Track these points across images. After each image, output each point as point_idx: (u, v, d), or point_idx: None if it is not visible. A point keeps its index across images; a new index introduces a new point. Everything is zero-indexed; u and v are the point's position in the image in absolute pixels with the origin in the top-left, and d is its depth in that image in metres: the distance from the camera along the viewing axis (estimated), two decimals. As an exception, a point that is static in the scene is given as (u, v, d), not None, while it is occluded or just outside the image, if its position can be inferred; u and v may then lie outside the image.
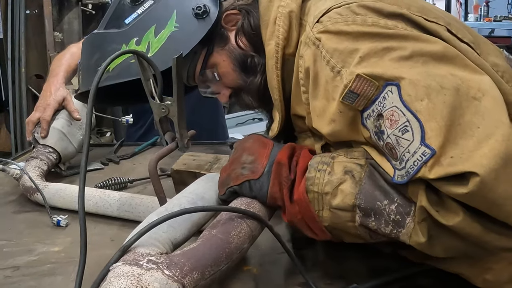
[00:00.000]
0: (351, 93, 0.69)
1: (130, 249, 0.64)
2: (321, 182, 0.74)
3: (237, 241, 0.70)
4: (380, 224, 0.70)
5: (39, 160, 1.31)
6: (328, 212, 0.74)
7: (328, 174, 0.74)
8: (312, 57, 0.77)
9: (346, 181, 0.72)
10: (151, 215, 0.76)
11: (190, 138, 1.00)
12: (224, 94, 1.01)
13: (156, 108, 0.94)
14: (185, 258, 0.62)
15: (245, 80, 0.96)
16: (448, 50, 0.69)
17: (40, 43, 3.10)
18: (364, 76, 0.68)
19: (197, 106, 1.80)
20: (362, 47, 0.71)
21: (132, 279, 0.56)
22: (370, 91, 0.68)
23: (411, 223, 0.67)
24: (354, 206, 0.71)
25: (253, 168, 0.81)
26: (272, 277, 0.88)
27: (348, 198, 0.72)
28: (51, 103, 1.39)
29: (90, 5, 3.30)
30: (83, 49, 1.10)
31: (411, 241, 0.68)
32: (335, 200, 0.73)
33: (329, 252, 0.95)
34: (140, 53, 0.88)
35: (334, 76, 0.73)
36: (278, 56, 0.86)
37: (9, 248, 1.02)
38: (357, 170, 0.72)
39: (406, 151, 0.64)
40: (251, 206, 0.79)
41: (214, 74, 0.98)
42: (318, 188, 0.74)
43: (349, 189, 0.72)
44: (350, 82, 0.69)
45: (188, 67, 1.00)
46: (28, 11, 3.08)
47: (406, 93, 0.65)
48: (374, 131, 0.69)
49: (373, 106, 0.68)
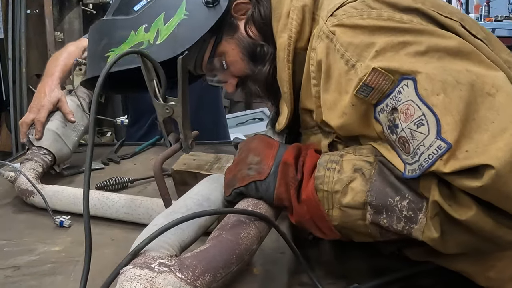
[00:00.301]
0: (365, 86, 0.69)
1: (140, 252, 0.64)
2: (331, 180, 0.74)
3: (246, 242, 0.70)
4: (392, 221, 0.69)
5: (34, 162, 1.30)
6: (338, 210, 0.74)
7: (337, 173, 0.74)
8: (325, 50, 0.77)
9: (356, 179, 0.72)
10: (158, 218, 0.75)
11: (193, 138, 1.00)
12: (231, 83, 1.01)
13: (160, 108, 0.94)
14: (196, 261, 0.62)
15: (252, 69, 0.96)
16: (463, 46, 0.70)
17: (41, 43, 3.11)
18: (379, 70, 0.68)
19: (198, 106, 1.80)
20: (378, 41, 0.71)
21: (145, 282, 0.56)
22: (385, 85, 0.68)
23: (424, 218, 0.67)
24: (365, 203, 0.71)
25: (259, 169, 0.80)
26: (274, 277, 0.88)
27: (358, 195, 0.71)
28: (45, 104, 1.38)
29: (90, 4, 3.30)
30: (90, 36, 1.10)
31: (424, 237, 0.68)
32: (346, 198, 0.72)
33: (331, 252, 0.95)
34: (144, 53, 0.88)
35: (348, 70, 0.73)
36: (290, 49, 0.86)
37: (10, 248, 1.02)
38: (366, 168, 0.72)
39: (421, 145, 0.64)
40: (258, 207, 0.79)
41: (222, 63, 0.98)
42: (327, 187, 0.74)
43: (359, 187, 0.71)
44: (365, 75, 0.69)
45: (196, 55, 0.99)
46: (28, 11, 3.08)
47: (422, 87, 0.65)
48: (387, 125, 0.69)
49: (387, 100, 0.68)
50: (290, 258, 0.93)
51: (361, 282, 0.81)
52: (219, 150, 1.65)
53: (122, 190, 1.33)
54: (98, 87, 0.77)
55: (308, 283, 0.83)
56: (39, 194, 1.17)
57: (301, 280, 0.86)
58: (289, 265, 0.91)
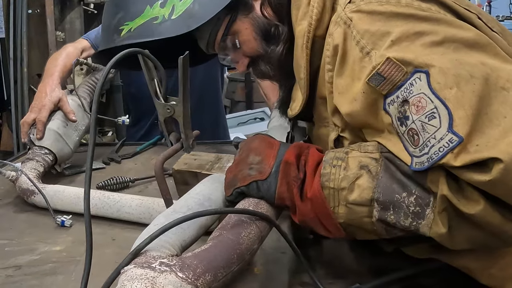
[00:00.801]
0: (378, 75, 0.69)
1: (141, 252, 0.64)
2: (337, 177, 0.74)
3: (247, 242, 0.70)
4: (399, 217, 0.69)
5: (35, 161, 1.30)
6: (344, 208, 0.74)
7: (343, 170, 0.74)
8: (342, 35, 0.77)
9: (363, 176, 0.72)
10: (159, 217, 0.75)
11: (194, 138, 1.00)
12: (242, 63, 1.01)
13: (161, 108, 0.94)
14: (197, 260, 0.62)
15: (265, 49, 0.96)
16: (480, 38, 0.69)
17: (42, 42, 3.11)
18: (394, 60, 0.68)
19: (198, 107, 1.80)
20: (395, 30, 0.71)
21: (146, 282, 0.56)
22: (397, 76, 0.68)
23: (431, 214, 0.67)
24: (372, 200, 0.71)
25: (260, 168, 0.81)
26: (275, 277, 0.88)
27: (365, 192, 0.71)
28: (46, 104, 1.38)
29: (92, 4, 3.30)
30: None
31: (432, 233, 0.68)
32: (352, 195, 0.72)
33: (331, 252, 0.95)
34: (145, 52, 0.88)
35: (363, 57, 0.73)
36: (309, 35, 0.86)
37: (11, 247, 1.02)
38: (372, 165, 0.72)
39: (431, 137, 0.64)
40: (259, 206, 0.79)
41: (235, 42, 0.98)
42: (334, 184, 0.74)
43: (366, 183, 0.71)
44: (379, 64, 0.69)
45: (209, 33, 0.99)
46: (30, 11, 3.08)
47: (435, 80, 0.65)
48: (397, 117, 0.69)
49: (398, 92, 0.68)
50: (291, 258, 0.93)
51: (361, 282, 0.81)
52: (220, 149, 1.65)
53: (123, 190, 1.33)
54: (99, 87, 0.77)
55: (309, 282, 0.83)
56: (40, 194, 1.17)
57: (302, 280, 0.86)
58: (290, 264, 0.91)
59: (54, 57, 1.58)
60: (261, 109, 4.18)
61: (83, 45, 1.69)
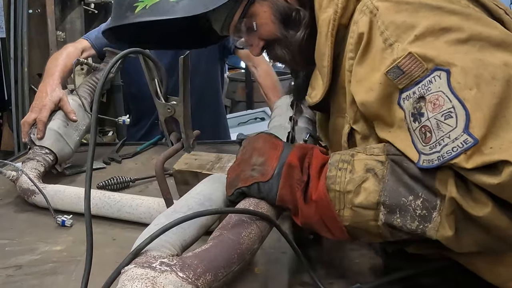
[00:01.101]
0: (397, 68, 0.69)
1: (141, 252, 0.64)
2: (343, 180, 0.73)
3: (248, 241, 0.70)
4: (406, 221, 0.69)
5: (35, 161, 1.31)
6: (349, 211, 0.73)
7: (349, 173, 0.73)
8: (368, 24, 0.76)
9: (369, 179, 0.72)
10: (160, 217, 0.75)
11: (195, 138, 0.99)
12: (257, 46, 1.00)
13: (162, 108, 0.94)
14: (198, 260, 0.62)
15: (283, 33, 0.95)
16: (506, 37, 0.69)
17: (42, 42, 3.11)
18: (415, 56, 0.68)
19: (198, 106, 1.80)
20: (420, 24, 0.70)
21: (147, 281, 0.56)
22: (416, 72, 0.68)
23: (438, 217, 0.67)
24: (379, 203, 0.71)
25: (263, 170, 0.80)
26: (275, 276, 0.88)
27: (372, 196, 0.71)
28: (47, 103, 1.38)
29: (92, 4, 3.30)
30: None
31: (438, 236, 0.67)
32: (358, 198, 0.72)
33: (331, 252, 0.95)
34: (146, 52, 0.88)
35: (385, 48, 0.72)
36: (335, 23, 0.85)
37: (11, 247, 1.02)
38: (378, 168, 0.72)
39: (446, 136, 0.64)
40: (259, 206, 0.79)
41: (252, 24, 0.97)
42: (339, 187, 0.73)
43: (372, 186, 0.71)
44: (400, 58, 0.69)
45: (226, 15, 0.98)
46: (30, 11, 3.08)
47: (456, 80, 0.64)
48: (411, 112, 0.69)
49: (414, 88, 0.68)
50: (291, 258, 0.93)
51: (361, 282, 0.81)
52: (221, 149, 1.65)
53: (123, 190, 1.33)
54: (100, 87, 0.77)
55: (309, 282, 0.83)
56: (40, 194, 1.17)
57: (302, 280, 0.86)
58: (291, 264, 0.91)
59: (55, 57, 1.58)
60: (261, 109, 4.18)
61: (84, 45, 1.70)
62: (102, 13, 3.43)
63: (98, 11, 3.38)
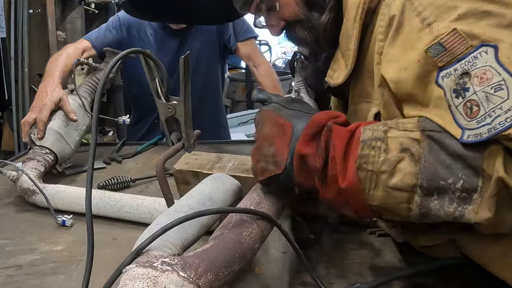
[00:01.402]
0: (439, 45, 0.69)
1: (142, 251, 0.64)
2: (377, 160, 0.70)
3: (249, 241, 0.70)
4: (443, 203, 0.67)
5: (36, 161, 1.30)
6: (382, 191, 0.70)
7: (383, 152, 0.70)
8: (401, 7, 0.76)
9: (404, 160, 0.69)
10: (161, 217, 0.75)
11: (196, 138, 0.99)
12: (277, 26, 0.99)
13: (162, 108, 0.94)
14: (199, 259, 0.62)
15: (306, 15, 0.95)
16: None
17: (43, 42, 3.11)
18: (459, 32, 0.67)
19: (198, 106, 1.80)
20: (461, 6, 0.70)
21: (148, 281, 0.56)
22: (459, 49, 0.67)
23: (479, 198, 0.65)
24: (415, 186, 0.68)
25: (276, 161, 0.79)
26: (276, 276, 0.88)
27: (408, 177, 0.68)
28: (47, 103, 1.38)
29: (93, 4, 3.31)
30: None
31: (478, 218, 0.66)
32: (393, 179, 0.69)
33: (332, 252, 0.95)
34: (147, 52, 0.88)
35: (422, 28, 0.72)
36: (364, 7, 0.85)
37: (12, 247, 1.02)
38: (415, 147, 0.69)
39: (497, 108, 0.63)
40: (260, 206, 0.79)
41: (275, 4, 0.96)
42: (373, 167, 0.70)
43: (408, 167, 0.68)
44: (444, 34, 0.69)
45: None
46: (31, 11, 3.09)
47: (505, 55, 0.64)
48: (453, 89, 0.68)
49: (456, 65, 0.68)
50: (292, 257, 0.93)
51: (361, 282, 0.81)
52: (221, 149, 1.65)
53: (124, 190, 1.33)
54: (100, 87, 0.77)
55: (310, 282, 0.83)
56: (41, 194, 1.17)
57: (303, 280, 0.86)
58: (291, 264, 0.91)
59: (55, 57, 1.58)
60: (261, 109, 4.18)
61: (84, 46, 1.70)
62: (102, 13, 3.44)
63: (99, 11, 3.39)
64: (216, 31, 1.92)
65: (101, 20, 3.26)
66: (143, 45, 1.84)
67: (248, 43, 1.95)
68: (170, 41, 1.88)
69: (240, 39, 1.93)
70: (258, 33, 2.05)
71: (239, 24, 1.92)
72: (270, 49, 5.96)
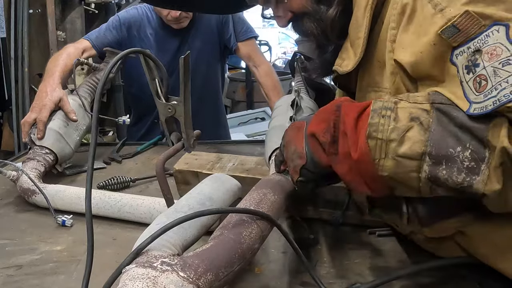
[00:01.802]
0: (453, 27, 0.71)
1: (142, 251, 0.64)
2: (386, 128, 0.71)
3: (248, 241, 0.70)
4: (452, 173, 0.68)
5: (36, 161, 1.30)
6: (391, 161, 0.71)
7: (393, 121, 0.72)
8: None
9: (413, 128, 0.70)
10: (161, 217, 0.75)
11: (196, 138, 0.99)
12: (285, 18, 1.00)
13: (162, 108, 0.94)
14: (199, 260, 0.62)
15: (314, 7, 0.95)
16: None
17: (43, 42, 3.11)
18: (472, 13, 0.69)
19: (198, 106, 1.80)
20: None
21: (148, 281, 0.56)
22: (472, 29, 0.69)
23: (486, 169, 0.66)
24: (424, 154, 0.69)
25: (298, 155, 0.83)
26: (276, 276, 0.88)
27: (417, 145, 0.69)
28: (47, 103, 1.38)
29: (93, 4, 3.30)
30: None
31: (486, 189, 0.66)
32: (402, 147, 0.70)
33: (331, 252, 0.95)
34: (147, 52, 0.88)
35: (435, 14, 0.74)
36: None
37: (12, 247, 1.02)
38: (424, 116, 0.70)
39: (503, 81, 0.65)
40: (260, 206, 0.79)
41: None
42: (382, 135, 0.71)
43: (417, 136, 0.69)
44: (456, 16, 0.70)
45: None
46: (31, 11, 3.09)
47: None
48: (464, 65, 0.70)
49: (470, 43, 0.70)
50: (292, 257, 0.93)
51: (361, 282, 0.82)
52: (221, 149, 1.65)
53: (123, 190, 1.33)
54: (100, 87, 0.77)
55: (310, 282, 0.83)
56: (41, 194, 1.17)
57: (303, 280, 0.86)
58: (291, 264, 0.91)
59: (55, 57, 1.58)
60: (261, 109, 4.18)
61: (84, 46, 1.70)
62: (102, 13, 3.43)
63: (99, 11, 3.39)
64: (216, 31, 1.92)
65: (101, 20, 3.26)
66: (143, 45, 1.84)
67: (248, 43, 1.95)
68: (170, 41, 1.88)
69: (240, 39, 1.93)
70: (258, 33, 2.05)
71: (239, 24, 1.93)
72: (270, 49, 5.97)
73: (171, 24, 1.84)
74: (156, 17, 1.88)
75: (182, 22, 1.83)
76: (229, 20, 1.90)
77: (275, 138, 1.10)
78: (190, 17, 1.84)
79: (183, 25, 1.85)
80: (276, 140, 1.09)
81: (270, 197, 0.83)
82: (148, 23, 1.88)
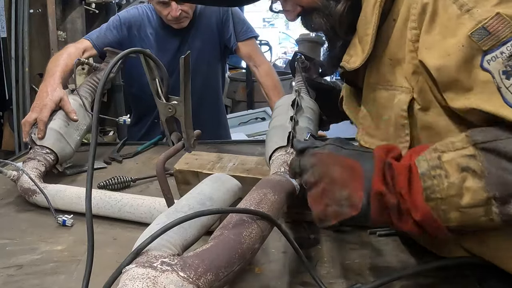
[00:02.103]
0: (483, 30, 0.70)
1: (142, 251, 0.64)
2: (442, 188, 0.71)
3: (248, 241, 0.70)
4: None
5: (36, 161, 1.30)
6: (456, 213, 0.71)
7: (445, 178, 0.71)
8: None
9: (468, 178, 0.70)
10: (161, 217, 0.75)
11: (196, 138, 0.99)
12: (293, 12, 1.00)
13: (163, 108, 0.94)
14: (199, 260, 0.62)
15: (323, 1, 0.95)
16: None
17: (43, 42, 3.12)
18: (503, 16, 0.69)
19: (199, 106, 1.80)
20: None
21: (148, 281, 0.56)
22: (504, 32, 0.69)
23: None
24: (489, 199, 0.69)
25: (351, 203, 0.76)
26: (276, 276, 0.88)
27: (478, 193, 0.69)
28: (47, 103, 1.38)
29: (93, 4, 3.31)
30: None
31: None
32: (464, 199, 0.70)
33: (332, 252, 0.95)
34: (147, 52, 0.88)
35: (461, 14, 0.73)
36: None
37: (12, 247, 1.02)
38: (473, 163, 0.70)
39: None
40: (260, 206, 0.79)
41: None
42: (441, 194, 0.71)
43: (475, 184, 0.69)
44: (487, 19, 0.70)
45: None
46: (31, 10, 3.09)
47: None
48: (502, 71, 0.69)
49: (502, 48, 0.69)
50: (292, 257, 0.93)
51: (361, 282, 0.82)
52: (221, 149, 1.65)
53: (124, 189, 1.33)
54: (101, 87, 0.77)
55: (310, 282, 0.83)
56: (41, 193, 1.17)
57: (303, 280, 0.86)
58: (291, 264, 0.91)
59: (56, 57, 1.58)
60: (262, 109, 4.18)
61: (85, 45, 1.70)
62: (103, 13, 3.44)
63: (99, 11, 3.39)
64: (216, 31, 1.92)
65: (101, 20, 3.26)
66: (144, 44, 1.84)
67: (249, 43, 1.95)
68: (171, 41, 1.88)
69: (241, 39, 1.92)
70: (258, 33, 2.05)
71: (240, 23, 1.92)
72: (270, 49, 5.96)
73: (171, 24, 1.84)
74: (156, 17, 1.88)
75: (182, 22, 1.83)
76: (229, 20, 1.90)
77: (275, 138, 1.10)
78: (190, 17, 1.84)
79: (183, 25, 1.85)
80: (277, 140, 1.08)
81: (270, 197, 0.83)
82: (149, 23, 1.88)
